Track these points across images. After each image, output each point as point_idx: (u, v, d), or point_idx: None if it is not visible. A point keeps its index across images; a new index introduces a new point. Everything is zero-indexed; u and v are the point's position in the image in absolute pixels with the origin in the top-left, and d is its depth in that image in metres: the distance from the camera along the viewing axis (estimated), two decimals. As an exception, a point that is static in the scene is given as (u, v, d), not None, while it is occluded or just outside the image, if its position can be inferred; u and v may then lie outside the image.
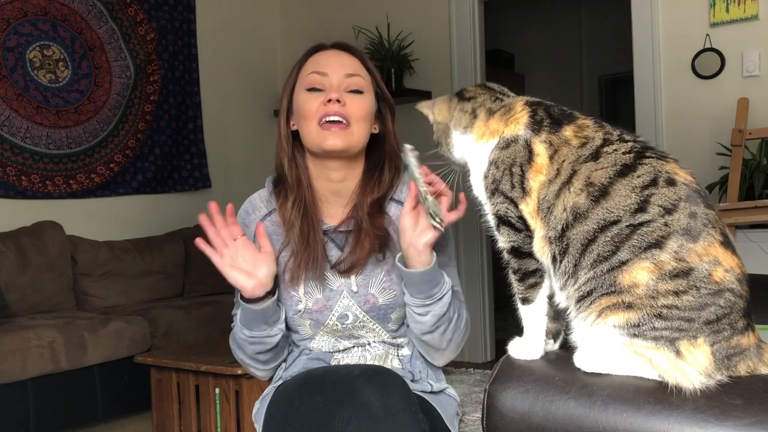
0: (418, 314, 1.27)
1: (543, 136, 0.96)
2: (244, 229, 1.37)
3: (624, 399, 0.83)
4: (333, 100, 1.28)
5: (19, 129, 3.61)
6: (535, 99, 1.04)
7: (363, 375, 1.13)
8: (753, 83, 3.29)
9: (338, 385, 1.12)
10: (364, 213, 1.33)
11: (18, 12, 3.62)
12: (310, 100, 1.31)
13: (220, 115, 4.65)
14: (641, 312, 0.86)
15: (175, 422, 2.58)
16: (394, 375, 1.17)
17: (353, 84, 1.32)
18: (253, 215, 1.39)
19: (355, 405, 1.08)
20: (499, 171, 0.99)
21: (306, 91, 1.32)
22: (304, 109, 1.31)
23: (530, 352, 0.99)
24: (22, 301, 3.32)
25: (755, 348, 0.88)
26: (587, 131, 0.96)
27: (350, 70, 1.33)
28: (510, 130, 0.99)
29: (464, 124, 1.07)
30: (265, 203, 1.39)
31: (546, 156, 0.95)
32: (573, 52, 6.50)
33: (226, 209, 1.27)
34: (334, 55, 1.35)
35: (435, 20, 4.31)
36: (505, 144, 0.99)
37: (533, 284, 0.99)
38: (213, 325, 3.53)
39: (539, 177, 0.95)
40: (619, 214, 0.88)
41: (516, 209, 0.97)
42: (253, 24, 4.90)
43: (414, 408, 1.11)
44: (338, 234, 1.35)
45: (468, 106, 1.08)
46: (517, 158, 0.97)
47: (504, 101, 1.06)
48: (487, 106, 1.06)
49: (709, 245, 0.86)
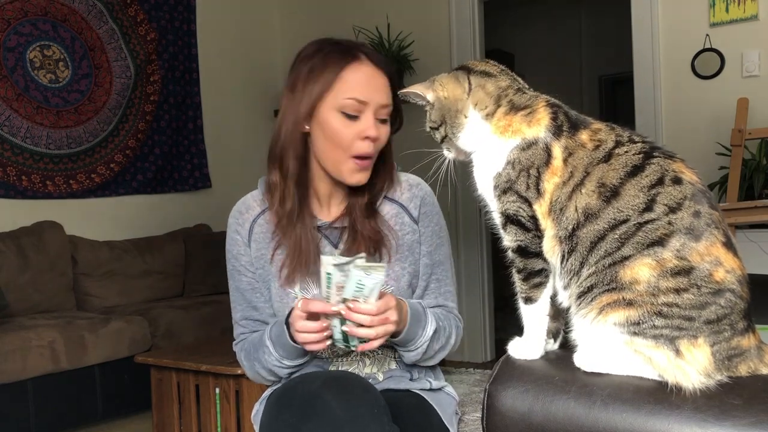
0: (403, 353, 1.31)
1: (562, 141, 0.96)
2: (237, 229, 1.37)
3: (624, 399, 0.83)
4: (372, 137, 1.26)
5: (20, 129, 3.61)
6: (553, 100, 1.02)
7: (326, 384, 1.13)
8: (753, 83, 3.30)
9: (304, 399, 1.13)
10: (357, 215, 1.32)
11: (18, 12, 3.62)
12: (345, 128, 1.25)
13: (220, 115, 4.65)
14: (642, 309, 0.86)
15: (175, 422, 2.58)
16: (357, 380, 1.18)
17: (384, 113, 1.28)
18: (246, 215, 1.38)
19: (319, 416, 1.09)
20: (515, 171, 0.98)
21: (340, 113, 1.25)
22: (337, 136, 1.26)
23: (530, 351, 0.99)
24: (22, 301, 3.32)
25: (755, 349, 0.88)
26: (600, 134, 0.96)
27: (385, 98, 1.28)
28: (532, 132, 0.98)
29: (487, 109, 1.01)
30: (258, 203, 1.38)
31: (561, 159, 0.95)
32: (573, 52, 6.50)
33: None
34: (373, 77, 1.27)
35: (435, 20, 4.31)
36: (526, 145, 0.97)
37: (537, 284, 0.99)
38: (213, 325, 3.53)
39: (554, 179, 0.95)
40: (629, 213, 0.89)
41: (530, 209, 0.97)
42: (253, 24, 4.90)
43: (377, 411, 1.11)
44: (332, 230, 1.35)
45: (491, 87, 1.03)
46: (536, 161, 0.96)
47: (525, 94, 1.02)
48: (511, 97, 1.01)
49: (711, 245, 0.86)
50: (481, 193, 1.04)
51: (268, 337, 1.28)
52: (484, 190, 1.03)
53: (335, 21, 4.58)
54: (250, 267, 1.36)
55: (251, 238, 1.36)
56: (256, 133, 4.85)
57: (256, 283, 1.36)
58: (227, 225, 1.39)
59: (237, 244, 1.37)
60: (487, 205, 1.04)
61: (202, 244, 4.12)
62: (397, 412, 1.24)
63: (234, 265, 1.38)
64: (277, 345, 1.26)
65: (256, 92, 4.89)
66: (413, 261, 1.36)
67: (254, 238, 1.36)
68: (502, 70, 1.06)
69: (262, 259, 1.35)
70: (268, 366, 1.30)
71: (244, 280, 1.37)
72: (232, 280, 1.39)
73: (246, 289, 1.37)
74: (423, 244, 1.37)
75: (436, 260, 1.39)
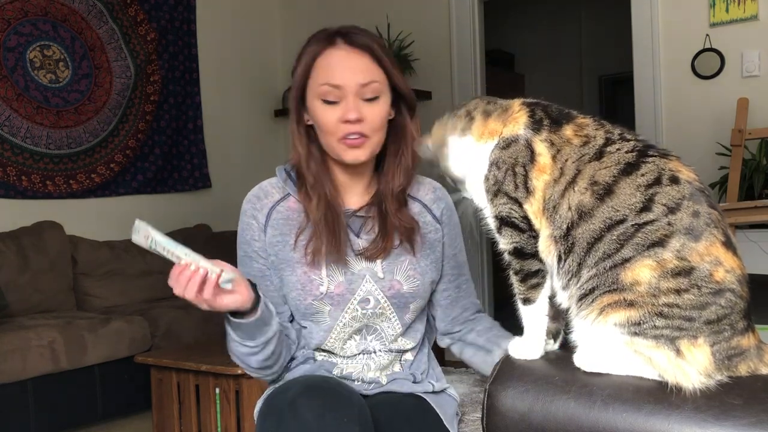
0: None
1: (543, 135, 0.96)
2: (254, 214, 1.35)
3: (624, 399, 0.83)
4: (352, 120, 1.25)
5: (20, 129, 3.61)
6: (531, 99, 1.03)
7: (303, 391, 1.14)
8: (753, 83, 3.29)
9: (282, 405, 1.13)
10: (389, 204, 1.32)
11: (18, 12, 3.62)
12: (326, 113, 1.26)
13: (220, 115, 4.65)
14: (642, 310, 0.86)
15: (176, 422, 2.58)
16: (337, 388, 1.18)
17: (369, 92, 1.27)
18: (265, 200, 1.35)
19: (292, 422, 1.09)
20: (500, 172, 0.98)
21: (320, 101, 1.27)
22: (321, 122, 1.28)
23: (530, 352, 0.99)
24: (22, 301, 3.31)
25: (755, 349, 0.88)
26: (587, 130, 0.96)
27: (364, 76, 1.26)
28: (509, 129, 0.99)
29: (461, 127, 1.05)
30: (278, 190, 1.36)
31: (548, 155, 0.95)
32: (573, 52, 6.50)
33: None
34: (346, 58, 1.26)
35: (435, 20, 4.31)
36: (505, 144, 0.99)
37: (535, 285, 0.99)
38: (213, 325, 3.52)
39: (543, 176, 0.95)
40: (625, 213, 0.88)
41: (520, 209, 0.97)
42: (254, 24, 4.90)
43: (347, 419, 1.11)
44: (355, 219, 1.34)
45: (461, 111, 1.06)
46: (519, 158, 0.97)
47: (497, 103, 1.05)
48: (482, 108, 1.04)
49: (710, 245, 0.86)
50: (478, 204, 1.06)
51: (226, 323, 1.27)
52: (478, 199, 1.05)
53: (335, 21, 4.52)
54: (262, 253, 1.34)
55: (268, 223, 1.34)
56: (256, 133, 4.85)
57: (266, 270, 1.34)
58: (242, 211, 1.37)
59: (251, 229, 1.35)
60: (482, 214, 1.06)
61: (202, 244, 4.12)
62: (397, 415, 1.24)
63: (246, 251, 1.36)
64: (231, 330, 1.25)
65: (256, 92, 4.89)
66: (435, 259, 1.38)
67: (272, 224, 1.34)
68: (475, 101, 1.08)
69: (278, 246, 1.33)
70: (237, 354, 1.29)
71: (255, 266, 1.35)
72: (242, 267, 1.36)
73: (257, 276, 1.34)
74: (448, 246, 1.40)
75: (461, 261, 1.44)
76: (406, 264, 1.33)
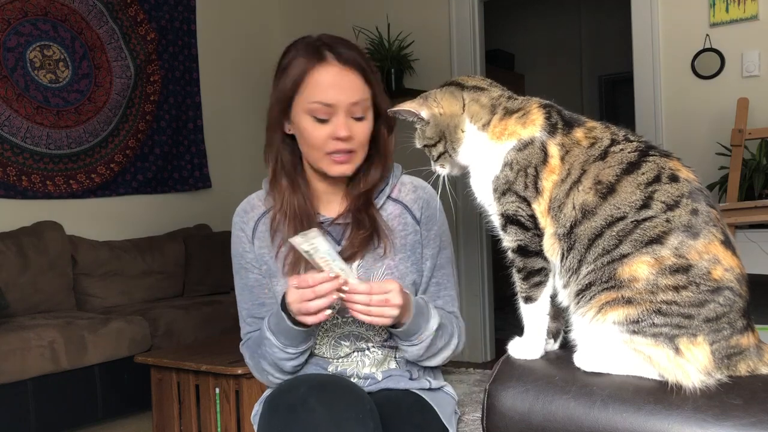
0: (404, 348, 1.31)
1: (558, 138, 0.97)
2: (242, 227, 1.39)
3: (624, 399, 0.83)
4: (342, 137, 1.26)
5: (20, 129, 3.61)
6: (546, 101, 1.03)
7: (312, 389, 1.15)
8: (753, 83, 3.29)
9: (290, 404, 1.14)
10: (355, 206, 1.34)
11: (18, 12, 3.62)
12: (315, 130, 1.27)
13: (220, 115, 4.65)
14: (641, 307, 0.86)
15: (176, 422, 2.58)
16: (345, 385, 1.19)
17: (358, 111, 1.28)
18: (251, 213, 1.40)
19: (303, 421, 1.10)
20: (513, 172, 0.98)
21: (309, 117, 1.27)
22: (310, 138, 1.28)
23: (530, 351, 0.99)
24: (22, 301, 3.31)
25: (755, 348, 0.88)
26: (596, 132, 0.97)
27: (355, 96, 1.27)
28: (527, 132, 0.99)
29: (483, 120, 1.02)
30: (263, 202, 1.40)
31: (558, 157, 0.96)
32: (573, 52, 6.50)
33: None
34: (338, 77, 1.27)
35: (435, 20, 4.31)
36: (522, 146, 0.98)
37: (537, 283, 0.99)
38: (213, 325, 3.53)
39: (552, 177, 0.96)
40: (626, 210, 0.89)
41: (528, 208, 0.97)
42: (253, 24, 4.90)
43: (362, 416, 1.12)
44: (335, 227, 1.36)
45: (485, 99, 1.04)
46: (533, 160, 0.97)
47: (517, 99, 1.04)
48: (504, 104, 1.03)
49: (709, 243, 0.86)
50: (480, 200, 1.05)
51: (267, 329, 1.28)
52: (482, 196, 1.04)
53: (335, 21, 4.58)
54: (255, 263, 1.38)
55: (255, 235, 1.38)
56: (256, 133, 4.83)
57: (263, 279, 1.37)
58: (232, 224, 1.42)
59: (242, 242, 1.39)
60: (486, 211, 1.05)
61: (202, 244, 4.12)
62: (396, 412, 1.24)
63: (240, 263, 1.39)
64: (277, 333, 1.26)
65: (256, 92, 4.88)
66: (415, 261, 1.37)
67: (258, 235, 1.37)
68: (491, 83, 1.08)
69: (266, 257, 1.36)
70: (272, 359, 1.29)
71: (251, 276, 1.38)
72: (238, 278, 1.40)
73: (254, 286, 1.38)
74: (426, 247, 1.38)
75: (437, 264, 1.40)
76: (383, 270, 1.33)
